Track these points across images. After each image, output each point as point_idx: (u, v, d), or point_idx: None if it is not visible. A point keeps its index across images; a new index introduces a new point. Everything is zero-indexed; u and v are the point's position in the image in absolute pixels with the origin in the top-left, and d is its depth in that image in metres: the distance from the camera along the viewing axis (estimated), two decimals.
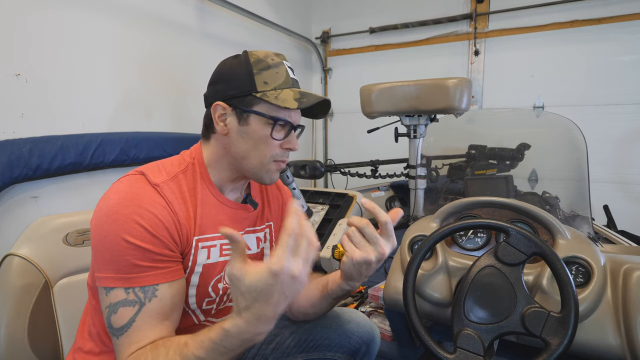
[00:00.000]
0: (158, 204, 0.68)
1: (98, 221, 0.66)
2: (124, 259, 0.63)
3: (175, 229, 0.69)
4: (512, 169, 1.58)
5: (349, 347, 0.91)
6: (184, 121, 2.10)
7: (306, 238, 0.55)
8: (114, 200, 0.67)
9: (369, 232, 0.68)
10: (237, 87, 0.74)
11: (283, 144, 0.77)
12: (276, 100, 0.72)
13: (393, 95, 1.69)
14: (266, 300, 0.53)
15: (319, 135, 3.52)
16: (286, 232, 0.53)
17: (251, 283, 0.53)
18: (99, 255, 0.65)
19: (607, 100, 2.42)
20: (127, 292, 0.64)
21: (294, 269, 0.53)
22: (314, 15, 3.42)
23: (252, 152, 0.75)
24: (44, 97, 1.46)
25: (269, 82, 0.74)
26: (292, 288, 0.54)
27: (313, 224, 1.69)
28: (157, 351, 0.60)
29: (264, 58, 0.76)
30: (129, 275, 0.64)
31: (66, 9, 1.52)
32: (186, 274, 0.73)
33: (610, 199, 2.00)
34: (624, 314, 0.77)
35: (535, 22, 2.56)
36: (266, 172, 0.77)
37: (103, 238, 0.65)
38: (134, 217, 0.65)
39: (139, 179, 0.70)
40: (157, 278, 0.65)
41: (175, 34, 2.04)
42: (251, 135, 0.74)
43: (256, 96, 0.73)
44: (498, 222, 0.80)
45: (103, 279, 0.64)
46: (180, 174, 0.75)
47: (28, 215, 1.42)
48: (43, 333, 0.85)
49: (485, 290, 0.77)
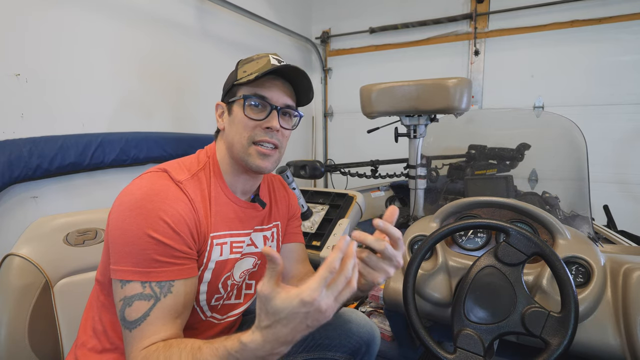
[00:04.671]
0: (181, 201, 0.69)
1: (120, 215, 0.67)
2: (145, 253, 0.64)
3: (195, 226, 0.71)
4: (512, 169, 1.58)
5: (349, 347, 0.91)
6: (184, 121, 2.09)
7: (345, 276, 0.54)
8: (137, 195, 0.67)
9: (389, 253, 0.65)
10: (227, 84, 0.81)
11: (262, 124, 0.76)
12: (245, 76, 0.75)
13: (393, 95, 1.69)
14: (288, 325, 0.53)
15: (319, 135, 3.52)
16: (327, 266, 0.53)
17: (279, 306, 0.53)
18: (117, 248, 0.66)
19: (607, 100, 2.42)
20: (143, 286, 0.64)
21: (323, 304, 0.53)
22: (314, 15, 3.42)
23: (235, 136, 0.77)
24: (44, 97, 1.46)
25: (247, 70, 0.77)
26: (316, 320, 0.54)
27: (313, 224, 1.69)
28: (170, 351, 0.60)
29: (252, 56, 0.81)
30: (147, 269, 0.64)
31: (66, 8, 1.52)
32: (200, 271, 0.74)
33: (610, 199, 2.00)
34: (624, 314, 0.77)
35: (535, 22, 2.56)
36: (249, 156, 0.76)
37: (125, 231, 0.65)
38: (159, 212, 0.66)
39: (163, 176, 0.72)
40: (174, 274, 0.66)
41: (175, 33, 2.03)
42: (235, 121, 0.78)
43: (235, 84, 0.78)
44: (498, 222, 0.80)
45: (120, 271, 0.65)
46: (200, 172, 0.77)
47: (28, 215, 1.42)
48: (43, 333, 0.85)
49: (485, 290, 0.77)
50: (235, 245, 0.80)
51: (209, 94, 2.23)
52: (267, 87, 0.76)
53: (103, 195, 1.65)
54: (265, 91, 0.76)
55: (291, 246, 0.96)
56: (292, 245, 0.96)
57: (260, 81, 0.76)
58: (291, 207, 0.98)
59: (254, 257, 0.88)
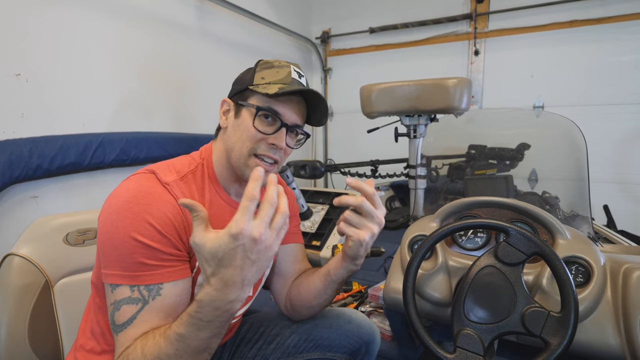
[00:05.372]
0: (168, 202, 0.68)
1: (107, 218, 0.66)
2: (132, 257, 0.64)
3: (184, 228, 0.69)
4: (512, 169, 1.58)
5: (349, 347, 0.91)
6: (184, 121, 2.10)
7: (270, 202, 0.55)
8: (124, 197, 0.67)
9: (367, 207, 0.69)
10: (240, 84, 0.78)
11: (269, 139, 0.74)
12: (262, 89, 0.73)
13: (393, 95, 1.69)
14: (229, 264, 0.54)
15: (319, 135, 3.52)
16: (245, 196, 0.54)
17: (212, 248, 0.54)
18: (106, 252, 0.65)
19: (607, 100, 2.42)
20: (132, 290, 0.64)
21: (254, 232, 0.53)
22: (314, 15, 3.42)
23: (237, 143, 0.75)
24: (44, 97, 1.46)
25: (265, 78, 0.75)
26: (258, 252, 0.55)
27: (313, 224, 1.69)
28: (145, 339, 0.61)
29: (273, 61, 0.78)
30: (136, 273, 0.64)
31: (66, 8, 1.52)
32: (193, 274, 0.73)
33: (610, 199, 2.01)
34: (623, 313, 0.77)
35: (535, 22, 2.57)
36: (246, 167, 0.75)
37: (111, 235, 0.65)
38: (144, 215, 0.65)
39: (150, 178, 0.71)
40: (162, 277, 0.65)
41: (175, 33, 2.04)
42: (240, 126, 0.75)
43: (250, 89, 0.75)
44: (498, 222, 0.80)
45: (110, 275, 0.65)
46: (189, 174, 0.76)
47: (28, 215, 1.42)
48: (43, 333, 0.85)
49: (485, 290, 0.77)
50: None
51: (209, 94, 2.23)
52: (282, 103, 0.74)
53: (103, 195, 1.63)
54: (280, 107, 0.74)
55: (290, 247, 0.95)
56: (291, 246, 0.95)
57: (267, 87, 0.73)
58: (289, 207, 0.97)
59: None
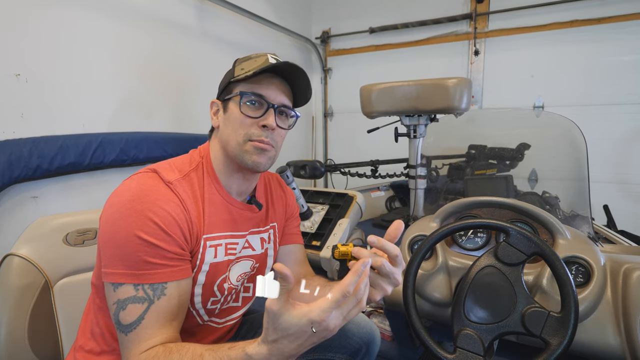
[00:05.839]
0: (171, 201, 0.68)
1: (109, 217, 0.66)
2: (135, 256, 0.63)
3: (187, 227, 0.70)
4: (512, 169, 1.58)
5: (349, 348, 0.91)
6: (184, 121, 2.09)
7: (356, 299, 0.56)
8: (126, 196, 0.67)
9: (387, 269, 0.63)
10: (223, 82, 0.81)
11: (259, 121, 0.75)
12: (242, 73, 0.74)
13: (393, 95, 1.69)
14: (294, 341, 0.54)
15: (319, 135, 3.52)
16: (341, 290, 0.53)
17: (287, 323, 0.53)
18: (108, 251, 0.65)
19: (607, 100, 2.42)
20: (136, 289, 0.63)
21: (331, 324, 0.54)
22: (314, 15, 3.42)
23: (231, 134, 0.76)
24: (43, 97, 1.46)
25: (245, 68, 0.77)
26: (322, 337, 0.55)
27: (313, 224, 1.69)
28: (170, 356, 0.60)
29: (250, 54, 0.80)
30: (139, 271, 0.64)
31: (66, 8, 1.52)
32: (193, 273, 0.73)
33: (610, 199, 2.00)
34: (623, 313, 0.77)
35: (535, 22, 2.56)
36: (244, 153, 0.75)
37: (115, 234, 0.65)
38: (148, 213, 0.65)
39: (152, 177, 0.71)
40: (166, 276, 0.65)
41: (175, 33, 2.03)
42: (230, 119, 0.77)
43: (232, 82, 0.77)
44: (498, 222, 0.80)
45: (112, 274, 0.64)
46: (192, 172, 0.76)
47: (28, 215, 1.42)
48: (43, 333, 0.85)
49: (485, 290, 0.77)
50: (229, 247, 0.79)
51: (209, 94, 2.21)
52: (264, 85, 0.75)
53: (103, 195, 1.63)
54: (262, 89, 0.75)
55: (290, 247, 0.95)
56: (291, 247, 0.95)
57: (257, 79, 0.75)
58: (289, 207, 0.96)
59: (252, 260, 0.86)
